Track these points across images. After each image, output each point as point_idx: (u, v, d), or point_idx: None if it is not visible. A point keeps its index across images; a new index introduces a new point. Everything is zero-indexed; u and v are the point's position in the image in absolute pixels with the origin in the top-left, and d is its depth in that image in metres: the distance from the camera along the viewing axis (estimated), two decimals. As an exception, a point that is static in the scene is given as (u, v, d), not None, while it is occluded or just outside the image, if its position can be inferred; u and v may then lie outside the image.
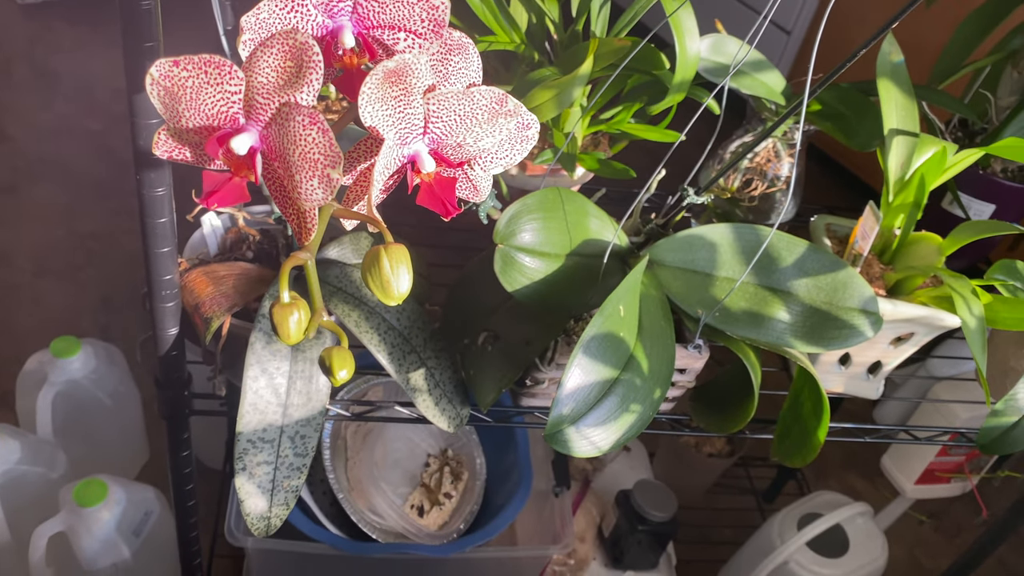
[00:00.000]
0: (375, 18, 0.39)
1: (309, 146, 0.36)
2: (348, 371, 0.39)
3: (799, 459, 0.76)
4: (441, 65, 0.41)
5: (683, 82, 0.75)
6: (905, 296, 0.78)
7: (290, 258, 0.37)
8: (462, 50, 0.41)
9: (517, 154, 0.45)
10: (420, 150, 0.39)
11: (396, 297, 0.38)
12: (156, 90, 0.38)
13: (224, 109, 0.38)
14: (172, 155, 0.40)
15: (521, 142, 0.44)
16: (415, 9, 0.38)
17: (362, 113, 0.37)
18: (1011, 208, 0.95)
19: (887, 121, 0.78)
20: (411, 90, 0.37)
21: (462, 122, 0.39)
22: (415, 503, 1.10)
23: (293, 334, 0.36)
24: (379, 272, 0.36)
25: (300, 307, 0.36)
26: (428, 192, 0.40)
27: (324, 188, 0.36)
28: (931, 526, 1.54)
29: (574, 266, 0.67)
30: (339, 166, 0.35)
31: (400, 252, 0.36)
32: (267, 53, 0.36)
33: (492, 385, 0.69)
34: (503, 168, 0.46)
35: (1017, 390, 0.77)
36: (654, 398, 0.63)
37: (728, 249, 0.71)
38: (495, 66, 0.85)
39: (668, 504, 1.21)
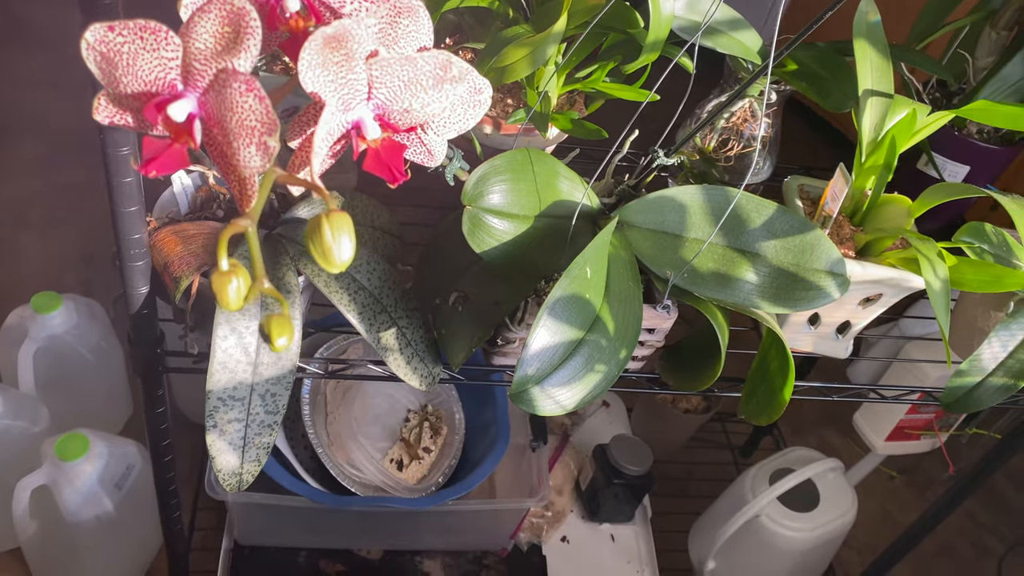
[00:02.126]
0: None
1: (246, 113, 0.36)
2: (288, 338, 0.39)
3: (765, 417, 0.77)
4: (390, 28, 0.41)
5: (656, 41, 0.74)
6: (874, 258, 0.78)
7: (230, 225, 0.37)
8: (411, 12, 0.41)
9: (470, 118, 0.45)
10: (364, 116, 0.39)
11: (338, 265, 0.38)
12: (92, 55, 0.37)
13: (161, 75, 0.38)
14: (113, 120, 0.40)
15: (474, 106, 0.44)
16: None
17: (302, 79, 0.37)
18: (985, 169, 0.95)
19: (862, 82, 0.78)
20: (352, 55, 0.37)
21: (407, 88, 0.39)
22: (394, 457, 1.12)
23: (233, 302, 0.37)
24: (320, 240, 0.36)
25: (239, 274, 0.36)
26: (375, 158, 0.40)
27: (262, 155, 0.36)
28: (902, 481, 1.58)
29: (544, 228, 0.68)
30: (276, 133, 0.35)
31: (342, 220, 0.36)
32: (204, 18, 0.36)
33: (463, 345, 0.70)
34: (457, 132, 0.46)
35: (981, 351, 0.79)
36: (620, 358, 0.64)
37: (698, 211, 0.71)
38: (470, 23, 0.84)
39: (644, 459, 1.23)
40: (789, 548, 1.13)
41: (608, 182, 0.78)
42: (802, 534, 1.12)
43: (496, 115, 0.82)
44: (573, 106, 0.86)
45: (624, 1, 0.76)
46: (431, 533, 1.14)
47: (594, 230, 0.73)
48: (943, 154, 0.95)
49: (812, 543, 1.13)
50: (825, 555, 1.21)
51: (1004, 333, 0.78)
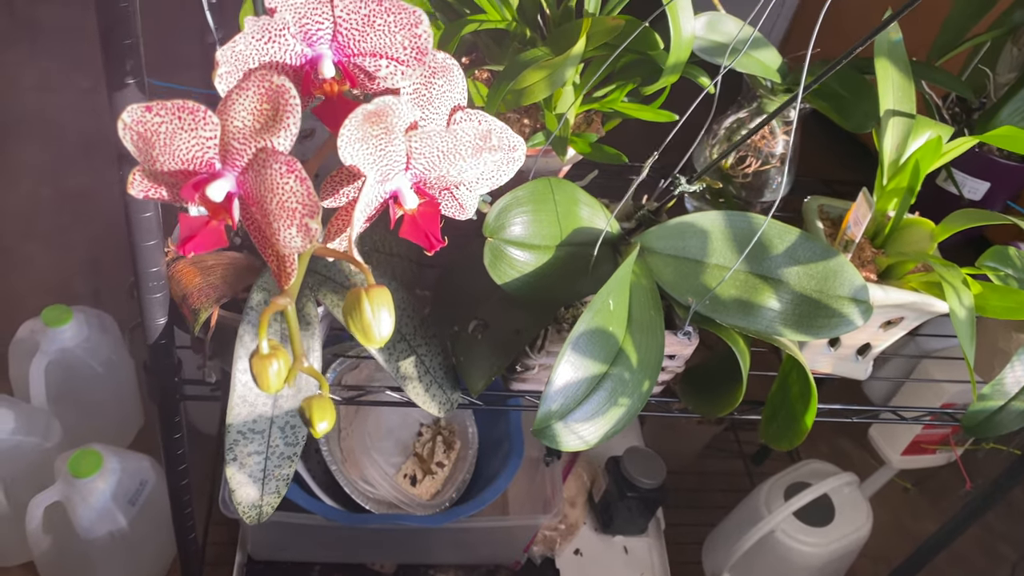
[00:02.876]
0: (355, 46, 0.37)
1: (287, 195, 0.35)
2: (329, 422, 0.39)
3: (786, 442, 0.77)
4: (424, 88, 0.40)
5: (677, 63, 0.73)
6: (896, 281, 0.78)
7: (271, 305, 0.36)
8: (446, 72, 0.40)
9: (504, 175, 0.44)
10: (402, 186, 0.39)
11: (377, 341, 0.37)
12: (129, 135, 0.36)
13: (199, 154, 0.37)
14: (148, 194, 0.39)
15: (508, 163, 0.43)
16: (396, 37, 0.36)
17: (342, 154, 0.36)
18: (1006, 186, 0.94)
19: (883, 102, 0.77)
20: (392, 129, 0.36)
21: (445, 158, 0.38)
22: (408, 472, 1.11)
23: (273, 385, 0.36)
24: (360, 316, 0.36)
25: (280, 356, 0.36)
26: (411, 224, 0.40)
27: (303, 236, 0.35)
28: (916, 489, 1.57)
29: (564, 256, 0.67)
30: (318, 215, 0.34)
31: (382, 295, 0.36)
32: (242, 96, 0.35)
33: (482, 373, 0.70)
34: (490, 189, 0.45)
35: (1004, 375, 0.78)
36: (643, 390, 0.64)
37: (719, 236, 0.70)
38: (486, 42, 0.83)
39: (657, 471, 1.23)
40: (804, 563, 1.13)
41: (627, 205, 0.77)
42: (817, 549, 1.12)
43: (513, 136, 0.81)
44: (590, 125, 0.85)
45: (643, 22, 0.75)
46: (444, 548, 1.14)
47: (614, 256, 0.72)
48: (963, 170, 0.94)
49: (827, 558, 1.13)
50: (840, 569, 1.21)
51: (1027, 357, 0.77)
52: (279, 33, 0.37)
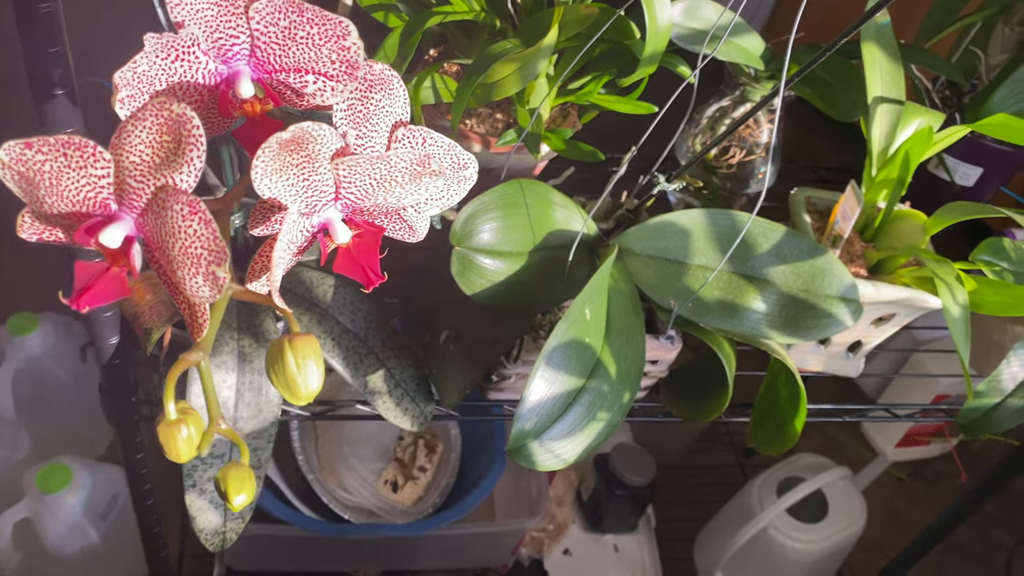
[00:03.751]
0: (277, 61, 0.33)
1: (190, 239, 0.31)
2: (248, 495, 0.35)
3: (776, 446, 0.74)
4: (360, 104, 0.36)
5: (654, 53, 0.69)
6: (887, 276, 0.74)
7: (178, 362, 0.33)
8: (384, 85, 0.36)
9: (455, 195, 0.40)
10: (332, 218, 0.35)
11: (304, 397, 0.34)
12: (9, 175, 0.32)
13: (91, 195, 0.33)
14: (42, 237, 0.35)
15: (458, 183, 0.40)
16: (322, 50, 0.32)
17: (258, 187, 0.32)
18: (999, 171, 0.91)
19: (871, 88, 0.74)
20: (315, 157, 0.33)
21: (379, 186, 0.34)
22: (389, 478, 1.08)
23: (183, 454, 0.32)
24: (283, 370, 0.32)
25: (190, 421, 0.32)
26: (346, 259, 0.36)
27: (211, 286, 0.31)
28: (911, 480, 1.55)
29: (539, 262, 0.64)
30: (225, 263, 0.31)
31: (307, 345, 0.32)
32: (139, 127, 0.31)
33: (456, 385, 0.66)
34: (442, 210, 0.41)
35: (1000, 371, 0.75)
36: (623, 402, 0.60)
37: (702, 236, 0.67)
38: (456, 35, 0.79)
39: (646, 468, 1.20)
40: (798, 560, 1.10)
41: (606, 203, 0.74)
42: (811, 545, 1.09)
43: (485, 132, 0.77)
44: (566, 119, 0.81)
45: (618, 10, 0.71)
46: (429, 554, 1.11)
47: (592, 259, 0.69)
48: (955, 156, 0.90)
49: (821, 554, 1.11)
50: (834, 564, 1.19)
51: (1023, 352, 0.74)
52: (187, 50, 0.33)
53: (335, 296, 0.64)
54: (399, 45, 0.65)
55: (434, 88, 0.74)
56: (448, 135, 0.77)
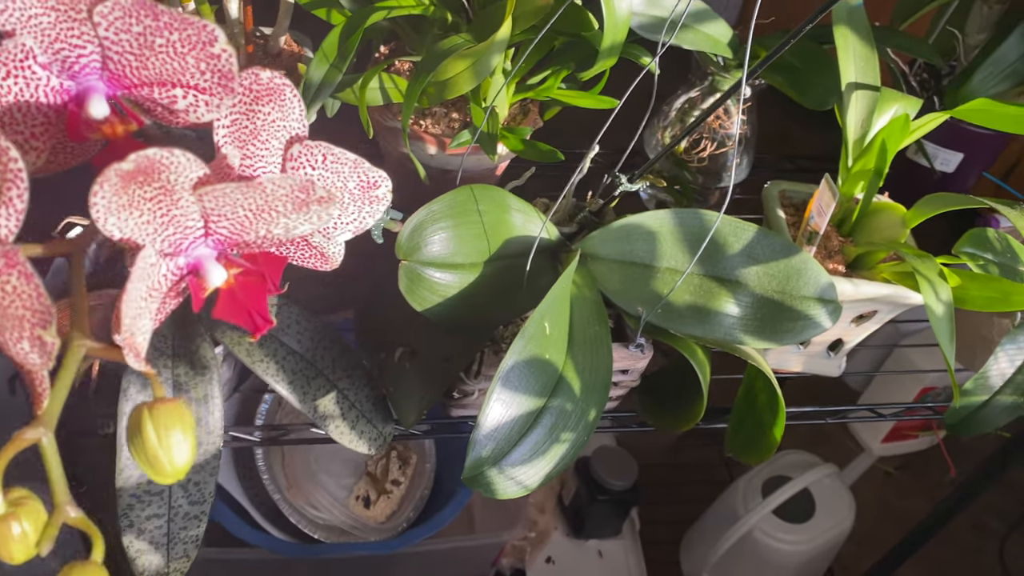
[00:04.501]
0: (135, 74, 0.29)
1: (8, 298, 0.27)
2: None
3: (755, 456, 0.70)
4: (247, 119, 0.31)
5: (613, 45, 0.65)
6: (867, 271, 0.71)
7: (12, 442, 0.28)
8: (274, 96, 0.32)
9: (368, 216, 0.36)
10: (203, 256, 0.30)
11: (171, 474, 0.30)
12: None
13: None
14: None
15: (369, 203, 0.36)
16: (187, 60, 0.28)
17: (103, 226, 0.28)
18: (981, 156, 0.87)
19: (845, 74, 0.70)
20: (172, 187, 0.28)
21: (257, 217, 0.30)
22: (361, 494, 1.04)
23: (16, 554, 0.28)
24: (142, 443, 0.28)
25: (24, 513, 0.28)
26: (228, 301, 0.31)
27: (39, 353, 0.27)
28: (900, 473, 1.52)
29: (495, 272, 0.60)
30: (51, 324, 0.26)
31: (172, 413, 0.28)
32: None
33: (413, 405, 0.62)
34: (354, 233, 0.37)
35: (988, 367, 0.72)
36: (588, 420, 0.56)
37: (669, 237, 0.63)
38: (406, 30, 0.74)
39: (628, 471, 1.17)
40: (786, 562, 1.07)
41: (569, 204, 0.70)
42: (799, 546, 1.06)
43: (441, 133, 0.73)
44: (527, 116, 0.77)
45: (575, 1, 0.67)
46: (405, 571, 1.07)
47: (554, 265, 0.65)
48: (934, 141, 0.87)
49: (810, 554, 1.07)
50: (824, 563, 1.16)
51: (1011, 347, 0.71)
52: (21, 64, 0.29)
53: (279, 315, 0.59)
54: (338, 45, 0.61)
55: (382, 88, 0.70)
56: (399, 137, 0.73)
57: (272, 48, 0.77)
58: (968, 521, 1.53)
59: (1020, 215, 0.57)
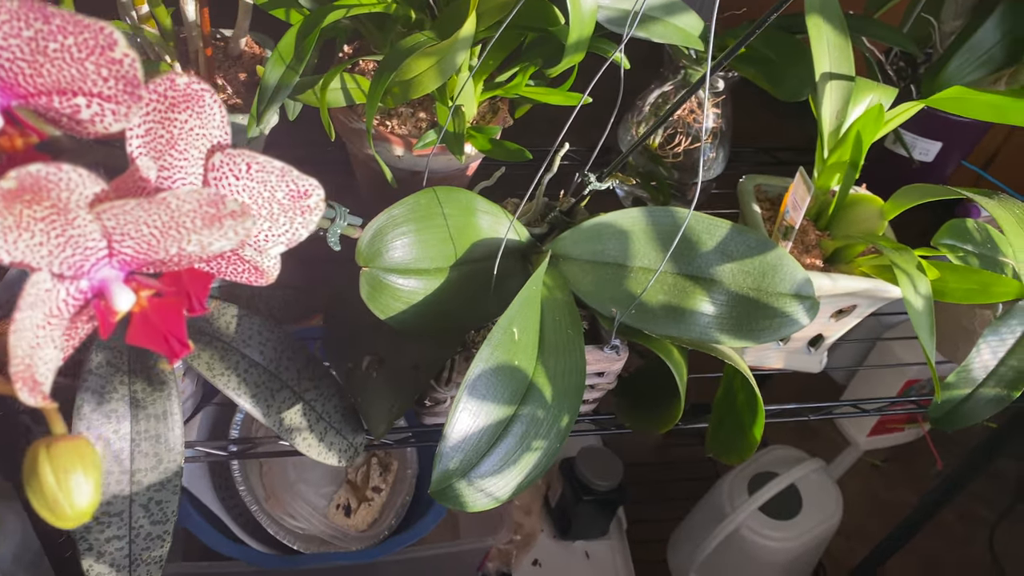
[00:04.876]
0: (30, 83, 0.27)
1: None
2: None
3: (735, 456, 0.69)
4: (162, 128, 0.29)
5: (580, 41, 0.64)
6: (845, 265, 0.69)
7: None
8: (192, 103, 0.30)
9: (301, 227, 0.34)
10: (109, 279, 0.28)
11: (72, 517, 0.28)
12: None
13: None
14: None
15: (302, 213, 0.34)
16: (86, 66, 0.26)
17: None
18: (959, 144, 0.86)
19: (818, 64, 0.69)
20: (66, 206, 0.26)
21: (165, 234, 0.28)
22: (341, 502, 1.02)
23: None
24: (39, 486, 0.26)
25: None
26: (142, 325, 0.29)
27: None
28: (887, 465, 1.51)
29: (463, 277, 0.58)
30: None
31: (72, 452, 0.26)
32: None
33: (382, 415, 0.61)
34: (288, 245, 0.36)
35: (970, 360, 0.71)
36: (561, 427, 0.55)
37: (642, 236, 0.62)
38: (369, 28, 0.73)
39: (613, 471, 1.15)
40: (774, 559, 1.06)
41: (539, 203, 0.68)
42: (787, 543, 1.05)
43: (407, 133, 0.71)
44: (496, 115, 0.76)
45: (539, -6, 0.66)
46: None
47: (525, 267, 0.63)
48: (912, 131, 0.86)
49: (798, 551, 1.06)
50: (813, 559, 1.14)
51: (993, 339, 0.70)
52: None
53: (239, 327, 0.58)
54: (295, 45, 0.59)
55: (345, 89, 0.68)
56: (365, 139, 0.71)
57: (233, 50, 0.75)
58: (957, 511, 1.52)
59: (998, 205, 0.55)
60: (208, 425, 0.93)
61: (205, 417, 0.92)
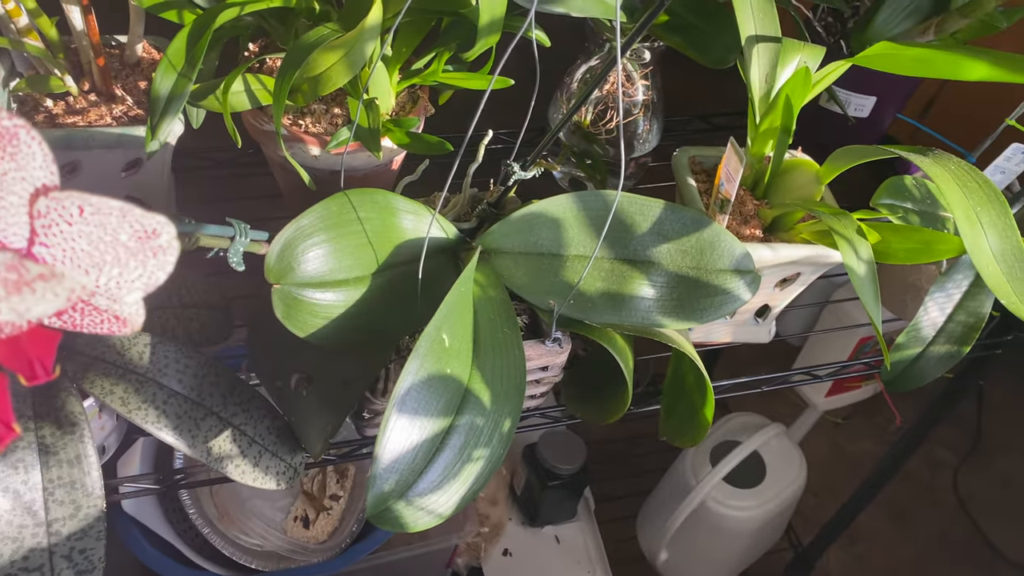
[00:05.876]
0: None
1: None
2: None
3: (688, 439, 0.67)
4: None
5: (492, 22, 0.60)
6: (785, 233, 0.68)
7: None
8: (4, 143, 0.26)
9: (155, 271, 0.31)
10: None
11: None
12: None
13: None
14: None
15: (155, 254, 0.30)
16: None
17: None
18: (893, 98, 0.85)
19: (743, 28, 0.66)
20: None
21: None
22: (298, 514, 0.99)
23: None
24: None
25: None
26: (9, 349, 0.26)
27: None
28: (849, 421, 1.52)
29: (388, 283, 0.55)
30: None
31: None
32: None
33: (317, 434, 0.58)
34: (145, 290, 0.32)
35: (919, 318, 0.69)
36: (503, 431, 0.52)
37: (574, 223, 0.59)
38: (272, 24, 0.68)
39: (577, 454, 1.13)
40: (741, 528, 1.05)
41: (467, 196, 0.65)
42: (753, 512, 1.04)
43: (323, 131, 0.68)
44: (417, 104, 0.72)
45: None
46: (356, 586, 1.03)
47: (456, 264, 0.60)
48: (846, 87, 0.84)
49: (765, 517, 1.06)
50: (781, 523, 1.14)
51: (940, 295, 0.69)
52: None
53: (154, 356, 0.54)
54: (186, 50, 0.55)
55: (249, 91, 0.64)
56: (274, 140, 0.67)
57: (129, 58, 0.70)
58: (921, 457, 1.54)
59: (934, 163, 0.54)
60: (151, 453, 0.90)
61: (148, 447, 0.89)
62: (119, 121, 0.65)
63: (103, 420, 0.59)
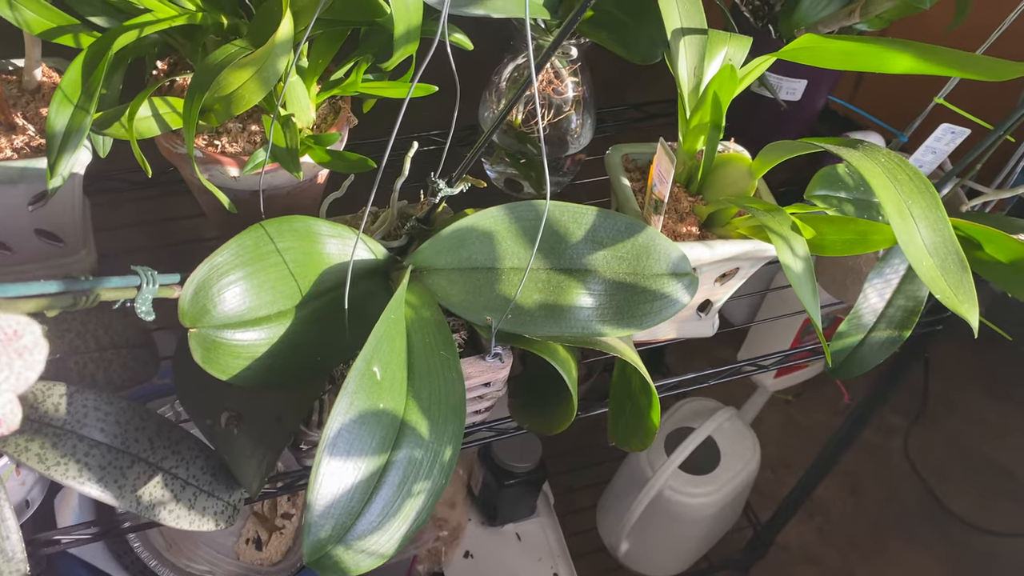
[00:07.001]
0: None
1: None
2: None
3: (637, 442, 0.66)
4: None
5: (408, 31, 0.58)
6: (722, 228, 0.67)
7: None
8: None
9: (23, 371, 0.29)
10: None
11: None
12: None
13: None
14: None
15: (20, 355, 0.28)
16: None
17: None
18: (823, 81, 0.84)
19: (669, 20, 0.65)
20: None
21: None
22: (250, 536, 0.97)
23: None
24: None
25: None
26: None
27: None
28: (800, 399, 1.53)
29: (314, 314, 0.53)
30: None
31: None
32: None
33: (252, 471, 0.56)
34: (16, 391, 0.30)
35: (859, 306, 0.69)
36: (444, 460, 0.51)
37: (507, 235, 0.58)
38: (181, 42, 0.65)
39: (532, 451, 1.13)
40: (700, 515, 1.06)
41: (396, 211, 0.63)
42: (710, 497, 1.05)
43: (240, 151, 0.65)
44: (338, 116, 0.69)
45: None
46: (315, 604, 1.01)
47: (387, 285, 0.58)
48: (776, 72, 0.83)
49: (723, 502, 1.06)
50: (739, 504, 1.15)
51: (878, 281, 0.69)
52: None
53: (71, 406, 0.51)
54: (81, 80, 0.52)
55: (156, 115, 0.61)
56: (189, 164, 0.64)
57: (28, 84, 0.66)
58: (872, 426, 1.56)
59: (864, 156, 0.53)
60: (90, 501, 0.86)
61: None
62: (20, 153, 0.62)
63: (23, 475, 0.56)
